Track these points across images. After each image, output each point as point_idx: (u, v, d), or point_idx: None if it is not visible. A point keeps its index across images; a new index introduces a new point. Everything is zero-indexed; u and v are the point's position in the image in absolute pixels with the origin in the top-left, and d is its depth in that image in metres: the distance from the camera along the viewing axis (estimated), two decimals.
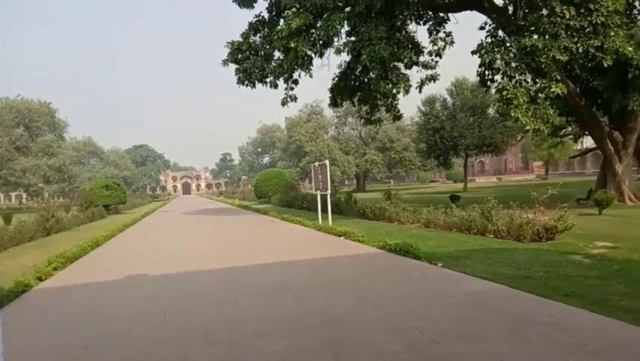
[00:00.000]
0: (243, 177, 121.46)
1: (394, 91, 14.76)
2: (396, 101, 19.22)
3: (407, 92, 14.35)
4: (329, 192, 13.56)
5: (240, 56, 17.74)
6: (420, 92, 15.28)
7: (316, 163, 14.89)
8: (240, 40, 17.76)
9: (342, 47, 14.72)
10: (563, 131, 27.11)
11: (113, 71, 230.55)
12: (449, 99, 41.04)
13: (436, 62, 14.94)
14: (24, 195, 56.80)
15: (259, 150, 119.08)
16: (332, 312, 4.61)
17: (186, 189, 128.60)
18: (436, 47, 14.82)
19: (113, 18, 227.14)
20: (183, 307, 5.26)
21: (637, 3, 17.43)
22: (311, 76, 15.99)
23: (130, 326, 4.64)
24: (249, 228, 15.82)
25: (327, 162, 13.67)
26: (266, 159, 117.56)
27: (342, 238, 10.48)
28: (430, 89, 73.64)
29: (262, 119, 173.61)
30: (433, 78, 14.80)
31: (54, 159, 53.96)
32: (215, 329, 4.23)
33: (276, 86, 17.57)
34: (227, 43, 17.75)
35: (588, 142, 47.86)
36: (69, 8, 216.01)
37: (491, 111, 39.94)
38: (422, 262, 7.07)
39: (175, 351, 3.74)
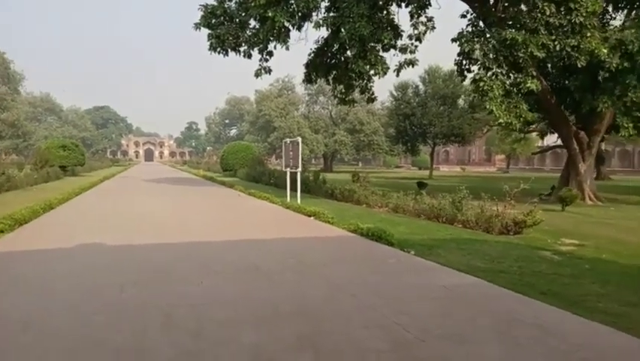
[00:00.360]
0: (208, 148, 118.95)
1: (372, 72, 14.43)
2: (371, 83, 18.94)
3: (385, 73, 14.09)
4: (299, 170, 13.24)
5: (213, 20, 16.85)
6: (397, 75, 15.03)
7: (287, 140, 14.51)
8: (215, 3, 16.88)
9: (321, 21, 14.21)
10: (532, 126, 27.69)
11: (77, 23, 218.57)
12: (421, 86, 41.13)
13: (416, 46, 14.67)
14: None
15: (226, 121, 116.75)
16: (307, 300, 4.34)
17: (149, 156, 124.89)
18: (416, 31, 14.52)
19: None
20: (142, 283, 4.87)
21: (610, 7, 17.69)
22: (287, 48, 15.42)
23: (79, 302, 4.24)
24: (213, 200, 15.33)
25: (299, 139, 13.30)
26: (233, 132, 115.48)
27: (311, 218, 10.24)
28: (403, 75, 73.79)
29: (231, 90, 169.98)
30: (411, 63, 14.54)
31: (7, 113, 50.86)
32: (178, 313, 3.89)
33: (249, 56, 16.86)
34: (200, 5, 16.82)
35: (550, 140, 49.66)
36: None
37: (461, 102, 40.51)
38: (395, 249, 6.93)
39: (131, 337, 3.37)
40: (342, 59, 17.93)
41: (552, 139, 40.83)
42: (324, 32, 16.53)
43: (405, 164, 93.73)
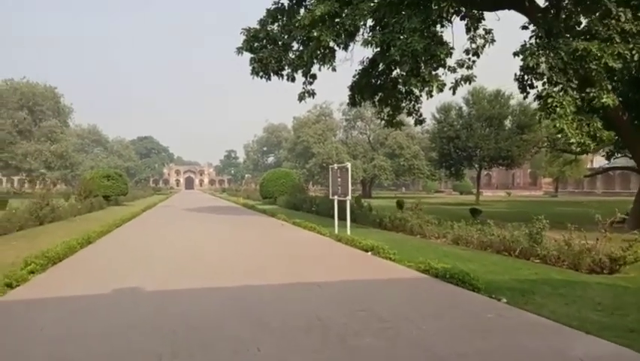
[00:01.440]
0: (246, 176, 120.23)
1: (425, 90, 13.37)
2: (419, 104, 17.97)
3: (441, 90, 13.00)
4: (349, 198, 12.20)
5: (256, 44, 16.45)
6: (454, 93, 13.90)
7: (334, 165, 13.56)
8: (257, 27, 16.47)
9: (369, 39, 13.38)
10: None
11: (124, 61, 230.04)
12: (465, 108, 39.70)
13: (474, 61, 13.58)
14: (26, 181, 55.54)
15: (264, 148, 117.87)
16: None
17: (189, 184, 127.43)
18: (474, 45, 13.46)
19: (127, 4, 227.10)
20: (184, 351, 3.88)
21: None
22: (334, 69, 14.73)
23: None
24: (257, 231, 14.43)
25: (348, 164, 12.30)
26: (271, 159, 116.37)
27: (369, 253, 9.11)
28: (441, 97, 72.32)
29: (269, 117, 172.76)
30: (468, 79, 13.42)
31: (56, 145, 52.84)
32: None
33: (293, 80, 16.26)
34: (242, 29, 16.48)
35: (600, 161, 46.64)
36: None
37: (508, 123, 38.69)
38: (482, 296, 5.70)
39: None
40: (389, 79, 17.07)
41: (602, 161, 38.35)
42: (369, 53, 15.82)
43: (445, 189, 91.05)
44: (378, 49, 14.18)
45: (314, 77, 16.66)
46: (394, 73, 16.96)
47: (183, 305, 5.42)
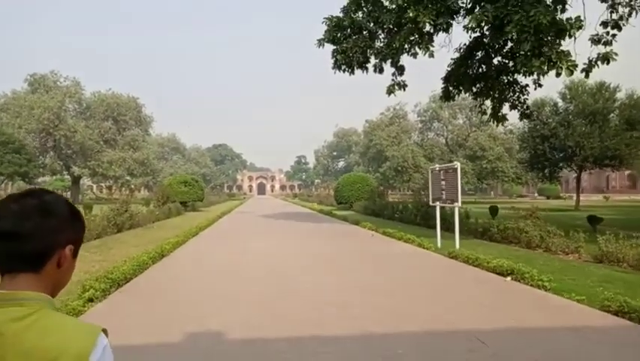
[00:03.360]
0: (316, 181, 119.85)
1: (554, 72, 10.89)
2: (524, 95, 15.43)
3: (571, 73, 10.52)
4: (458, 205, 10.08)
5: (338, 34, 14.83)
6: (587, 76, 11.35)
7: (436, 166, 11.51)
8: (340, 15, 14.84)
9: (479, 16, 11.19)
10: None
11: (199, 71, 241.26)
12: (561, 103, 35.54)
13: (614, 35, 10.94)
14: (113, 187, 58.47)
15: (334, 153, 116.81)
16: None
17: (261, 190, 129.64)
18: (614, 16, 10.84)
19: (203, 16, 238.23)
20: None
21: None
22: (432, 55, 12.67)
23: None
24: (347, 244, 12.46)
25: (457, 164, 10.19)
26: (341, 164, 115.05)
27: (508, 279, 6.95)
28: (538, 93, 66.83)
29: (339, 122, 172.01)
30: (605, 58, 10.79)
31: (138, 153, 55.02)
32: None
33: (381, 71, 14.45)
34: (324, 19, 14.92)
35: None
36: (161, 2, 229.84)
37: (614, 119, 34.00)
38: None
39: None
40: (492, 67, 14.73)
41: None
42: (466, 39, 13.66)
43: (528, 193, 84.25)
44: (482, 30, 12.00)
45: (402, 68, 14.75)
46: (496, 60, 14.75)
47: None
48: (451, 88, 15.71)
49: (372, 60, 14.68)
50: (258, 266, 8.66)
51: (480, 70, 14.78)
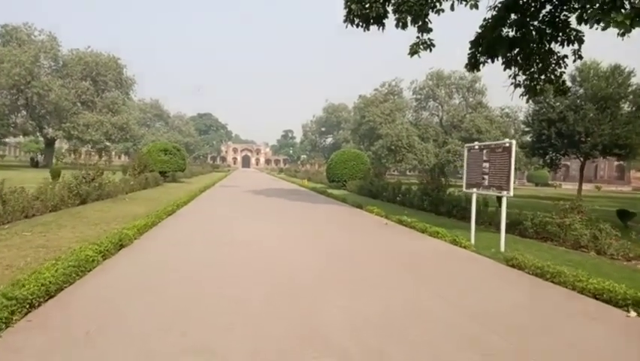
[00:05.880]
0: (302, 156, 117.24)
1: (619, 30, 8.65)
2: (562, 68, 13.35)
3: None
4: (509, 194, 7.92)
5: None
6: None
7: (475, 144, 9.28)
8: None
9: None
10: None
11: (187, 34, 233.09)
12: (570, 86, 33.50)
13: None
14: (85, 152, 54.97)
15: (323, 129, 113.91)
16: None
17: (246, 163, 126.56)
18: None
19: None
20: None
21: None
22: (475, 6, 10.35)
23: None
24: (360, 235, 9.90)
25: (512, 142, 7.94)
26: (329, 140, 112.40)
27: (632, 314, 4.78)
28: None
29: (329, 97, 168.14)
30: None
31: (118, 117, 51.66)
32: None
33: (404, 26, 12.03)
34: None
35: None
36: None
37: (626, 105, 32.20)
38: None
39: None
40: (532, 28, 12.49)
41: None
42: None
43: (516, 179, 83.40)
44: None
45: (427, 24, 12.35)
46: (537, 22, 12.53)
47: None
48: (478, 55, 13.45)
49: (393, 14, 12.28)
50: (252, 274, 5.90)
51: (520, 32, 12.51)
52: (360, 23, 12.60)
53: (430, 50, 12.11)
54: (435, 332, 4.01)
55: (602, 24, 8.23)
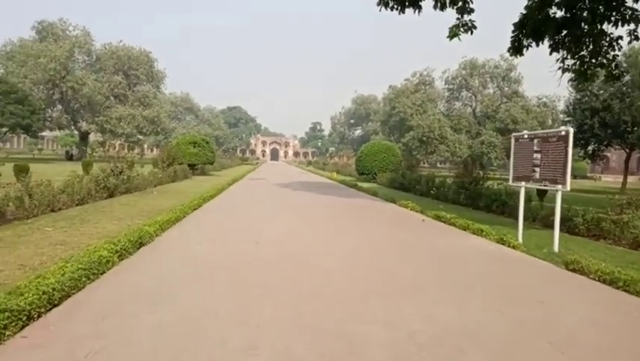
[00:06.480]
0: (331, 149, 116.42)
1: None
2: (616, 50, 12.21)
3: None
4: (565, 187, 7.09)
5: None
6: None
7: (524, 133, 8.44)
8: None
9: None
10: None
11: (216, 29, 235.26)
12: (616, 72, 31.51)
13: None
14: (117, 145, 55.97)
15: (352, 121, 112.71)
16: None
17: (274, 155, 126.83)
18: None
19: None
20: None
21: None
22: None
23: None
24: (400, 233, 9.00)
25: (569, 129, 7.10)
26: (358, 132, 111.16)
27: None
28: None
29: (358, 89, 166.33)
30: None
31: (149, 110, 52.27)
32: None
33: (443, 7, 11.20)
34: None
35: None
36: None
37: None
38: None
39: None
40: (585, 9, 11.43)
41: None
42: None
43: None
44: None
45: (466, 5, 11.48)
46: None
47: None
48: (522, 37, 12.46)
49: None
50: (284, 286, 4.94)
51: (570, 13, 11.48)
52: (395, 6, 11.83)
53: (472, 33, 11.25)
54: (481, 336, 3.33)
55: None
